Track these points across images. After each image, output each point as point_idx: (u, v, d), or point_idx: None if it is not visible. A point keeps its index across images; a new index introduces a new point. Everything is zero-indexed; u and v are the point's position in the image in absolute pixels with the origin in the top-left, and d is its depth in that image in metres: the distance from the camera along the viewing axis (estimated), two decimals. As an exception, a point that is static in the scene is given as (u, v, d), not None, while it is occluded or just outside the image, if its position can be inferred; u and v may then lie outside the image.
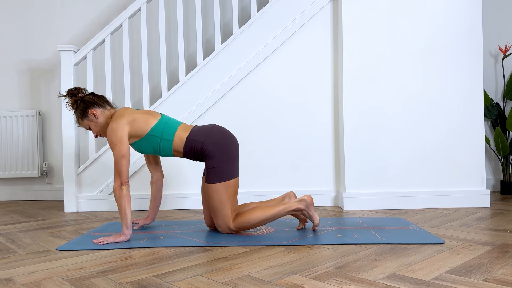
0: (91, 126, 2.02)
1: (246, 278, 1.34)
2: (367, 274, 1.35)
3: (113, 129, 1.90)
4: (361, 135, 2.73)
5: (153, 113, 2.02)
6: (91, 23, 3.56)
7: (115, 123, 1.91)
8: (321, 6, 2.86)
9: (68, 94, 2.02)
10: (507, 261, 1.47)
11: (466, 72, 2.72)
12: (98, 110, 1.99)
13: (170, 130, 1.98)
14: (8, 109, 3.59)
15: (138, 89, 3.52)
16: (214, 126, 2.02)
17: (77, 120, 2.04)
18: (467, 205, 2.69)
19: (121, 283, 1.31)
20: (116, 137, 1.88)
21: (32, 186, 3.58)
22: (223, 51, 2.88)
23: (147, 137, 1.96)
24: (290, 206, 1.95)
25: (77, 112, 2.01)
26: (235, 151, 1.98)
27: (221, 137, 1.96)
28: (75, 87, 2.03)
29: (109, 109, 2.04)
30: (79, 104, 2.00)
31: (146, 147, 1.99)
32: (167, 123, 2.00)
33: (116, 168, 1.87)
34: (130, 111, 1.97)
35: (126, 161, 1.87)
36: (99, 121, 2.00)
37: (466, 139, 2.72)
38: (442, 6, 2.72)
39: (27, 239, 2.00)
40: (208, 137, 1.95)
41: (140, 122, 1.95)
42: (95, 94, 2.05)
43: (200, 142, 1.94)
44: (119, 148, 1.87)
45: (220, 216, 1.94)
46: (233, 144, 1.97)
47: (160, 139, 1.96)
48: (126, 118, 1.93)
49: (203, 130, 1.99)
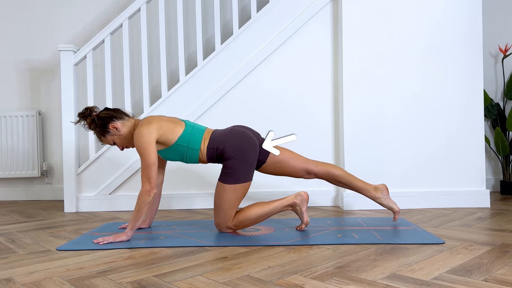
0: (115, 141, 1.99)
1: (246, 278, 1.34)
2: (367, 274, 1.35)
3: (141, 134, 1.86)
4: (361, 135, 2.73)
5: (178, 121, 1.99)
6: (91, 23, 3.56)
7: (143, 127, 1.87)
8: (321, 6, 2.86)
9: (80, 117, 1.99)
10: (507, 261, 1.47)
11: (466, 72, 2.72)
12: (118, 123, 1.96)
13: (196, 139, 1.96)
14: (8, 109, 3.59)
15: (138, 89, 3.52)
16: (233, 128, 2.01)
17: (99, 138, 2.00)
18: (467, 205, 2.69)
19: (121, 283, 1.31)
20: (144, 142, 1.84)
21: (32, 186, 3.58)
22: (223, 51, 2.88)
23: (174, 146, 1.94)
24: (286, 201, 1.97)
25: (97, 130, 1.98)
26: (254, 153, 1.96)
27: (239, 139, 1.94)
28: (85, 108, 1.99)
29: (128, 119, 2.01)
30: (97, 122, 1.96)
31: (174, 155, 1.98)
32: (193, 131, 1.97)
33: (145, 174, 1.83)
34: (157, 118, 1.94)
35: (155, 167, 1.84)
36: (122, 133, 1.97)
37: (466, 139, 2.72)
38: (442, 6, 2.72)
39: (27, 239, 2.00)
40: (226, 140, 1.94)
41: (167, 130, 1.92)
42: (109, 108, 2.02)
43: (220, 149, 1.94)
44: (148, 153, 1.83)
45: (222, 214, 1.94)
46: (251, 146, 1.96)
47: (187, 149, 1.95)
48: (153, 124, 1.89)
49: (222, 134, 1.97)
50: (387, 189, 2.15)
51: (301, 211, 1.99)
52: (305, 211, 1.99)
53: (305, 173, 2.13)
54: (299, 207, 1.98)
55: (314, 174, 2.14)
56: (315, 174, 2.14)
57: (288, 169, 2.11)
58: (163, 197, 2.87)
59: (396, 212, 2.13)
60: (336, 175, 2.13)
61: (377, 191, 2.13)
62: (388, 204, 2.13)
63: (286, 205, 1.97)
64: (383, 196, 2.13)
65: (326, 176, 2.14)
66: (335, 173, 2.14)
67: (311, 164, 2.13)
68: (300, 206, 1.98)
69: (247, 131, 2.00)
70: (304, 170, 2.12)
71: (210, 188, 2.90)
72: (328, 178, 2.15)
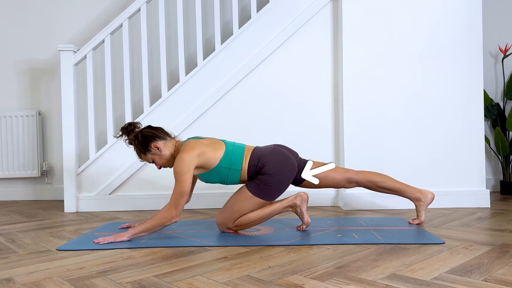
0: (155, 160, 1.98)
1: (246, 278, 1.34)
2: (367, 274, 1.35)
3: (183, 160, 1.83)
4: (361, 135, 2.73)
5: (217, 142, 1.98)
6: (91, 23, 3.56)
7: (185, 153, 1.85)
8: (321, 6, 2.86)
9: (123, 131, 1.99)
10: (507, 261, 1.47)
11: (466, 72, 2.72)
12: (161, 143, 1.96)
13: (238, 159, 1.94)
14: (8, 109, 3.59)
15: (138, 89, 3.52)
16: (276, 147, 2.01)
17: (139, 155, 2.00)
18: (467, 205, 2.69)
19: (121, 283, 1.31)
20: (183, 168, 1.82)
21: (32, 186, 3.58)
22: (223, 51, 2.88)
23: (215, 169, 1.93)
24: (286, 202, 1.97)
25: (138, 148, 1.97)
26: (289, 178, 1.96)
27: (280, 160, 1.94)
28: (129, 123, 1.99)
29: (170, 140, 2.01)
30: (139, 139, 1.95)
31: (214, 178, 1.96)
32: (234, 151, 1.96)
33: (175, 200, 1.82)
34: (198, 143, 1.91)
35: (186, 197, 1.83)
36: (163, 153, 1.96)
37: (466, 139, 2.72)
38: (442, 6, 2.72)
39: (27, 239, 2.00)
40: (267, 157, 1.93)
41: (209, 155, 1.90)
42: (153, 126, 2.01)
43: (259, 165, 1.93)
44: (184, 180, 1.81)
45: (227, 215, 1.95)
46: (289, 170, 1.96)
47: (229, 170, 1.94)
48: (196, 150, 1.87)
49: (264, 151, 1.97)
50: (433, 198, 2.14)
51: (301, 212, 1.99)
52: (305, 211, 1.99)
53: (347, 183, 2.13)
54: (299, 208, 1.98)
55: (356, 183, 2.14)
56: (356, 182, 2.14)
57: (329, 181, 2.11)
58: (164, 197, 2.87)
59: (420, 221, 2.13)
60: (377, 181, 2.13)
61: (422, 193, 2.13)
62: (421, 211, 2.13)
63: (286, 206, 1.97)
64: (425, 201, 2.12)
65: (368, 182, 2.14)
66: (376, 179, 2.13)
67: (351, 173, 2.13)
68: (300, 206, 1.98)
69: (289, 153, 2.01)
70: (345, 180, 2.12)
71: (210, 189, 2.90)
72: (370, 185, 2.15)
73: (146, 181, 2.89)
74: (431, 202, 2.14)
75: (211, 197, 2.89)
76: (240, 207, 1.92)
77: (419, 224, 2.13)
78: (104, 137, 3.49)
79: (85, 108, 3.52)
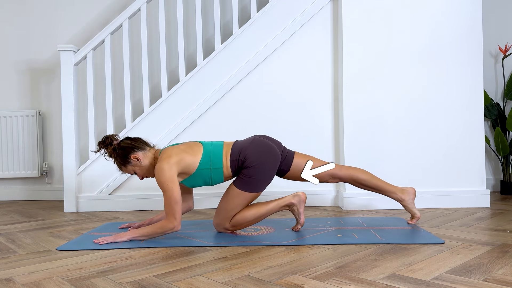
0: (135, 171, 1.98)
1: (246, 278, 1.34)
2: (367, 274, 1.35)
3: (162, 169, 1.82)
4: (361, 135, 2.73)
5: (195, 145, 1.97)
6: (91, 23, 3.56)
7: (163, 162, 1.84)
8: (320, 7, 2.86)
9: (101, 145, 1.97)
10: (507, 261, 1.47)
11: (466, 72, 2.72)
12: (140, 154, 1.95)
13: (217, 157, 1.93)
14: (8, 109, 3.59)
15: (138, 89, 3.52)
16: (256, 138, 2.00)
17: (119, 167, 1.99)
18: (467, 205, 2.69)
19: (121, 283, 1.31)
20: (166, 178, 1.81)
21: (32, 186, 3.58)
22: (223, 51, 2.88)
23: (197, 172, 1.92)
24: (283, 201, 1.97)
25: (117, 160, 1.96)
26: (274, 166, 1.95)
27: (261, 150, 1.94)
28: (106, 136, 1.97)
29: (149, 149, 2.00)
30: (118, 152, 1.95)
31: (197, 181, 1.95)
32: (212, 150, 1.95)
33: (170, 210, 1.80)
34: (177, 151, 1.90)
35: (180, 205, 1.81)
36: (143, 164, 1.95)
37: (466, 139, 2.72)
38: (442, 6, 2.72)
39: (27, 239, 2.00)
40: (248, 149, 1.93)
41: (188, 159, 1.89)
42: (131, 137, 2.01)
43: (241, 159, 1.92)
44: (171, 189, 1.80)
45: (223, 215, 1.95)
46: (272, 158, 1.95)
47: (210, 170, 1.92)
48: (173, 158, 1.86)
49: (244, 144, 1.97)
50: (415, 193, 2.13)
51: (298, 212, 1.98)
52: (302, 212, 1.98)
53: (330, 178, 2.13)
54: (296, 208, 1.97)
55: (339, 178, 2.14)
56: (339, 178, 2.13)
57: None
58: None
59: (416, 218, 2.12)
60: (361, 179, 2.12)
61: (404, 193, 2.11)
62: (412, 209, 2.12)
63: (284, 205, 1.97)
64: (409, 199, 2.12)
65: (351, 180, 2.14)
66: (360, 177, 2.12)
67: (335, 168, 2.12)
68: (297, 206, 1.97)
69: (270, 142, 2.00)
70: (328, 175, 2.12)
71: (210, 189, 2.90)
72: (352, 182, 2.15)
73: (146, 181, 2.89)
74: (414, 197, 2.13)
75: (211, 198, 2.89)
76: (233, 205, 1.92)
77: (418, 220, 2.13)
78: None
79: (85, 108, 3.52)
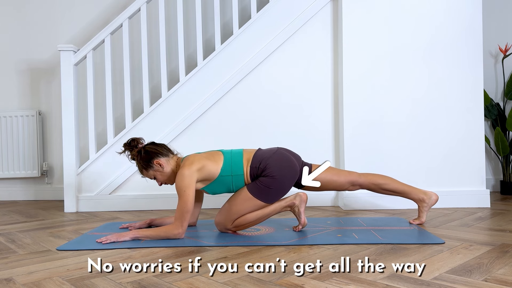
0: (156, 176, 1.99)
1: (246, 278, 1.34)
2: (367, 274, 1.35)
3: (184, 175, 1.85)
4: (361, 135, 2.73)
5: (215, 153, 1.98)
6: (91, 23, 3.56)
7: (185, 169, 1.86)
8: (321, 7, 2.86)
9: (126, 147, 1.99)
10: (507, 261, 1.47)
11: (466, 72, 2.72)
12: (163, 160, 1.96)
13: (238, 164, 1.95)
14: (8, 109, 3.59)
15: (138, 89, 3.52)
16: (279, 150, 2.01)
17: (141, 171, 2.00)
18: (467, 205, 2.69)
19: (121, 283, 1.31)
20: (184, 184, 1.83)
21: (32, 186, 3.58)
22: (223, 51, 2.88)
23: (218, 179, 1.93)
24: (285, 201, 1.97)
25: (140, 163, 1.97)
26: (291, 182, 1.96)
27: (283, 163, 1.95)
28: (132, 139, 1.99)
29: (172, 156, 2.01)
30: (142, 155, 1.96)
31: (220, 188, 1.97)
32: (232, 158, 1.96)
33: (180, 216, 1.82)
34: (199, 157, 1.93)
35: (189, 215, 1.84)
36: (165, 170, 1.97)
37: (466, 139, 2.72)
38: (442, 6, 2.72)
39: (27, 239, 2.00)
40: (270, 159, 1.93)
41: (209, 167, 1.91)
42: (156, 143, 2.02)
43: (261, 167, 1.93)
44: (187, 195, 1.82)
45: (227, 216, 1.95)
46: (291, 175, 1.96)
47: (232, 177, 1.94)
48: (196, 164, 1.88)
49: (267, 153, 1.98)
50: (437, 200, 2.13)
51: (299, 212, 1.98)
52: (303, 212, 1.99)
53: (350, 185, 2.14)
54: (297, 208, 1.98)
55: (359, 185, 2.14)
56: (360, 185, 2.14)
57: (332, 184, 2.11)
58: (164, 197, 2.87)
59: (421, 222, 2.13)
60: (381, 184, 2.13)
61: (426, 195, 2.12)
62: (423, 212, 2.12)
63: (285, 206, 1.97)
64: (429, 202, 2.11)
65: (371, 185, 2.14)
66: (380, 181, 2.13)
67: (354, 176, 2.13)
68: (298, 207, 1.97)
69: (291, 157, 2.01)
70: (348, 183, 2.12)
71: (210, 188, 2.89)
72: (373, 187, 2.15)
73: (145, 181, 2.88)
74: (434, 203, 2.13)
75: (211, 198, 2.88)
76: (240, 208, 1.92)
77: (419, 225, 2.13)
78: (104, 137, 3.48)
79: (85, 108, 3.51)
